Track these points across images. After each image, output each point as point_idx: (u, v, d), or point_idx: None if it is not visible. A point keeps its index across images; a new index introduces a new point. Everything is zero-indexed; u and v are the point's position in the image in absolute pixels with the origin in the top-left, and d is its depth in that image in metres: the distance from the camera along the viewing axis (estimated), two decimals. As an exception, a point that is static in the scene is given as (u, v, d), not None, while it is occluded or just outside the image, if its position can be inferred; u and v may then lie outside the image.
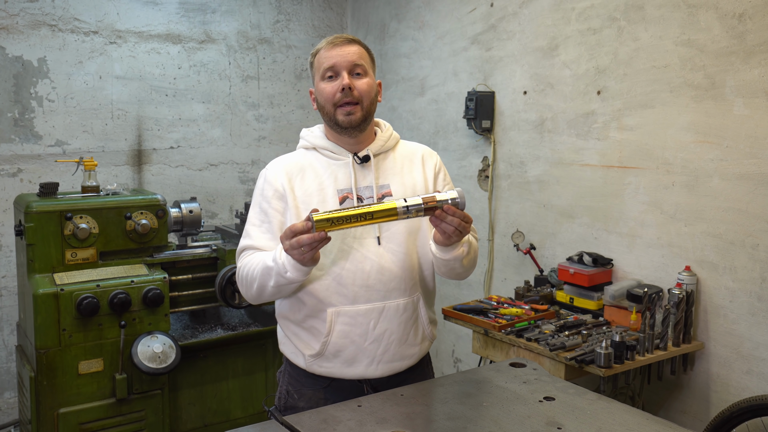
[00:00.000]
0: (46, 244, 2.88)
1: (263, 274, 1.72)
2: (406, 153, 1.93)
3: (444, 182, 1.93)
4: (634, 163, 2.92)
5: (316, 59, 1.84)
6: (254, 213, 1.86)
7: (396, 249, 1.81)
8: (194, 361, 3.20)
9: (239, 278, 1.83)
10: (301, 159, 1.87)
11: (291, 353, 1.89)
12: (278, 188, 1.82)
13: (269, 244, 1.80)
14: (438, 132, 3.99)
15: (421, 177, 1.89)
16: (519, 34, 3.43)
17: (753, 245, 2.53)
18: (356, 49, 1.80)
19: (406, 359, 1.86)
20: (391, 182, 1.85)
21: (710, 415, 2.67)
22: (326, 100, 1.79)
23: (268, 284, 1.72)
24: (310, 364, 1.84)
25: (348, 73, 1.78)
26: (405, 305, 1.83)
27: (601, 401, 1.69)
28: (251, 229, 1.85)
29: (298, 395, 1.87)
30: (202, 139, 4.24)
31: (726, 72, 2.57)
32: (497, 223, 3.65)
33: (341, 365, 1.81)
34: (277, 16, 4.45)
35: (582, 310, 2.93)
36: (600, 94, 3.05)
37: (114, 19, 3.90)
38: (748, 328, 2.56)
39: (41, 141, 3.75)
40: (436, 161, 1.94)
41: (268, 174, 1.86)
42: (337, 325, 1.78)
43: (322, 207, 1.77)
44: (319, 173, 1.83)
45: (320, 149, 1.87)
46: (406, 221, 1.79)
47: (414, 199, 1.59)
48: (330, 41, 1.82)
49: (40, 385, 2.82)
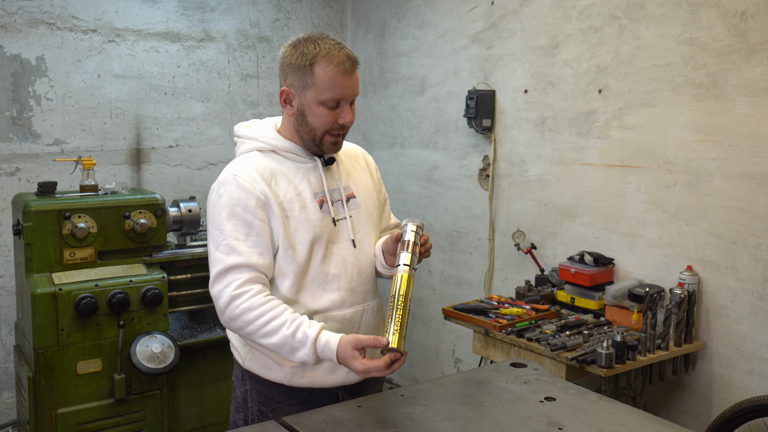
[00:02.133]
0: (45, 244, 2.87)
1: (283, 345, 1.61)
2: (348, 153, 1.92)
3: (381, 182, 1.99)
4: (636, 162, 2.90)
5: (316, 74, 1.67)
6: (233, 226, 1.67)
7: (368, 250, 1.85)
8: (193, 361, 3.19)
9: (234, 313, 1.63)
10: (267, 163, 1.74)
11: (262, 368, 1.77)
12: (259, 196, 1.68)
13: (261, 261, 1.67)
14: (438, 131, 3.98)
15: (368, 177, 1.93)
16: (520, 32, 3.42)
17: (755, 245, 2.52)
18: (358, 76, 1.73)
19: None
20: (350, 183, 1.86)
21: (712, 416, 2.66)
22: (321, 125, 1.71)
23: (284, 353, 1.63)
24: (291, 376, 1.75)
25: (350, 104, 1.73)
26: (378, 306, 1.87)
27: (602, 401, 1.69)
28: (236, 244, 1.66)
29: (273, 414, 1.76)
30: (201, 138, 4.23)
31: (728, 70, 2.56)
32: (498, 222, 3.64)
33: (324, 373, 1.76)
34: (277, 14, 4.43)
35: (583, 309, 2.92)
36: (601, 92, 3.03)
37: (112, 17, 3.89)
38: (750, 328, 2.55)
39: (39, 140, 3.74)
40: (373, 161, 2.00)
41: (242, 181, 1.69)
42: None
43: (304, 213, 1.72)
44: (290, 178, 1.74)
45: (282, 152, 1.77)
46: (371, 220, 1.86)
47: (405, 257, 1.66)
48: (342, 66, 1.67)
49: (39, 386, 2.81)
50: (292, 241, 1.71)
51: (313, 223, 1.73)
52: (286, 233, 1.71)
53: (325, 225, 1.75)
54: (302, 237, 1.72)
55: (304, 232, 1.72)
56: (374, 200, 1.90)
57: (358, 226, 1.82)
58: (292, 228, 1.72)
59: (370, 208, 1.86)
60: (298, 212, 1.72)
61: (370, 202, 1.88)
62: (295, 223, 1.72)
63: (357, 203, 1.84)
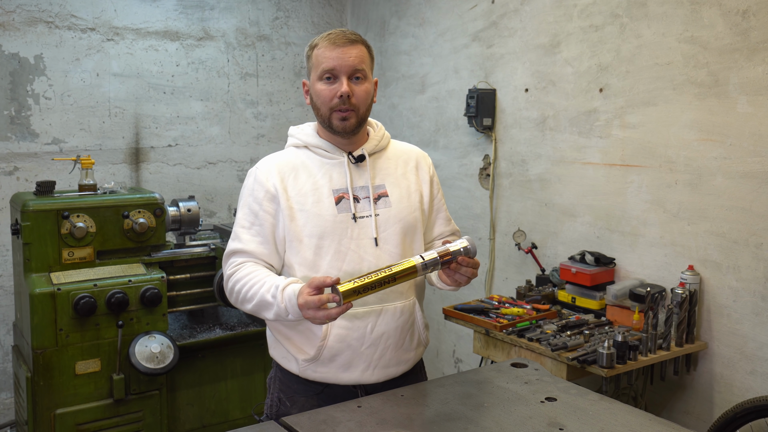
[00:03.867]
0: (43, 243, 2.86)
1: (260, 304, 1.69)
2: (399, 154, 1.91)
3: (437, 187, 1.94)
4: (637, 162, 2.89)
5: (314, 54, 1.76)
6: (243, 214, 1.80)
7: (393, 251, 1.79)
8: (192, 361, 3.18)
9: (229, 287, 1.78)
10: (293, 158, 1.82)
11: (282, 358, 1.85)
12: (270, 189, 1.77)
13: (260, 249, 1.77)
14: (439, 130, 3.97)
15: (415, 180, 1.88)
16: (520, 31, 3.41)
17: (757, 244, 2.51)
18: (357, 51, 1.74)
19: (402, 364, 1.84)
20: (386, 183, 1.84)
21: (714, 416, 2.65)
22: (322, 102, 1.75)
23: (263, 313, 1.70)
24: (304, 369, 1.79)
25: (348, 77, 1.73)
26: (402, 308, 1.81)
27: (603, 402, 1.69)
28: (240, 231, 1.79)
29: (290, 402, 1.83)
30: (201, 137, 4.22)
31: (729, 69, 2.55)
32: (498, 221, 3.63)
33: (337, 370, 1.78)
34: (276, 12, 4.42)
35: (584, 309, 2.91)
36: (602, 91, 3.02)
37: (111, 15, 3.88)
38: (752, 327, 2.54)
39: (38, 139, 3.73)
40: (430, 165, 1.94)
41: (259, 174, 1.80)
42: (333, 328, 1.75)
43: (317, 207, 1.75)
44: (312, 172, 1.79)
45: (312, 147, 1.82)
46: (402, 221, 1.81)
47: (429, 254, 1.62)
48: (332, 40, 1.74)
49: (37, 386, 2.80)
50: (300, 233, 1.74)
51: (324, 218, 1.74)
52: (291, 226, 1.75)
53: (339, 221, 1.75)
54: (311, 230, 1.74)
55: (313, 225, 1.74)
56: (414, 202, 1.85)
57: (384, 225, 1.79)
58: (301, 221, 1.75)
59: (403, 210, 1.82)
60: (310, 206, 1.75)
61: (407, 203, 1.83)
62: (305, 216, 1.75)
63: (389, 202, 1.81)
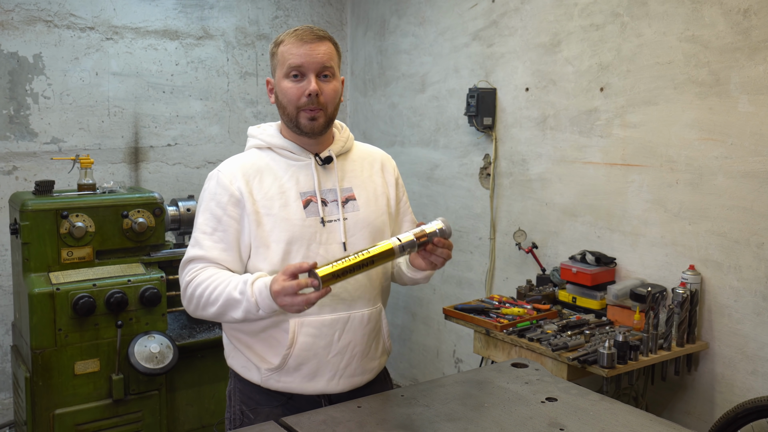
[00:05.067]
0: (42, 243, 2.86)
1: (227, 303, 1.61)
2: (364, 156, 1.87)
3: (402, 190, 1.91)
4: (638, 161, 2.89)
5: (280, 51, 1.70)
6: (204, 219, 1.71)
7: None
8: (192, 361, 3.17)
9: (187, 294, 1.68)
10: (257, 160, 1.75)
11: (242, 368, 1.77)
12: (234, 193, 1.69)
13: (222, 256, 1.68)
14: (439, 129, 3.96)
15: (381, 183, 1.85)
16: (521, 30, 3.40)
17: (758, 244, 2.50)
18: (326, 48, 1.69)
19: (367, 373, 1.80)
20: (353, 185, 1.79)
21: (715, 416, 2.64)
22: (289, 101, 1.69)
23: (230, 314, 1.62)
24: (266, 378, 1.73)
25: (316, 75, 1.67)
26: (369, 316, 1.77)
27: (604, 402, 1.68)
28: (202, 237, 1.69)
29: (253, 414, 1.76)
30: (200, 137, 4.21)
31: (731, 68, 2.54)
32: (499, 221, 3.62)
33: (301, 380, 1.72)
34: (276, 11, 4.42)
35: (585, 309, 2.90)
36: (603, 90, 3.02)
37: (110, 14, 3.87)
38: (753, 327, 2.53)
39: (37, 138, 3.72)
40: (394, 168, 1.91)
41: (222, 177, 1.71)
42: (300, 336, 1.69)
43: (284, 211, 1.69)
44: (278, 175, 1.72)
45: (277, 149, 1.75)
46: (370, 226, 1.77)
47: (406, 236, 1.59)
48: (299, 36, 1.68)
49: (36, 386, 2.79)
50: (267, 239, 1.68)
51: (292, 223, 1.69)
52: (258, 231, 1.68)
53: (308, 225, 1.70)
54: (278, 236, 1.68)
55: (280, 230, 1.68)
56: (381, 206, 1.82)
57: (353, 229, 1.74)
58: (268, 226, 1.69)
59: (371, 213, 1.79)
60: (277, 210, 1.69)
61: (374, 206, 1.80)
62: (272, 221, 1.69)
63: (356, 206, 1.77)
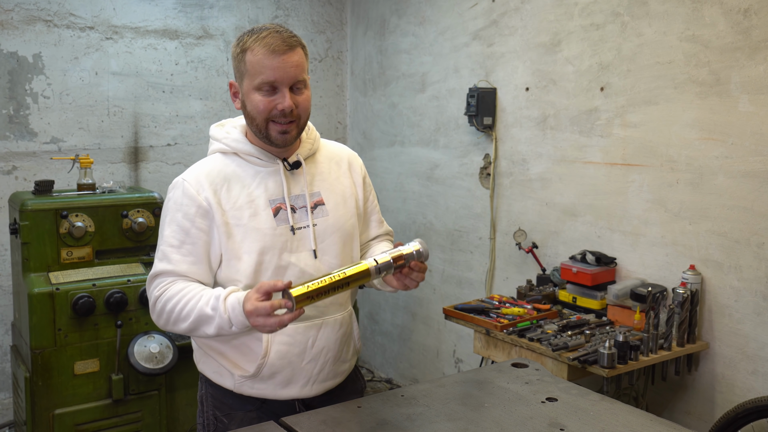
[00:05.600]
0: (41, 243, 2.85)
1: (199, 319, 1.56)
2: (331, 155, 1.82)
3: (369, 188, 1.88)
4: (638, 161, 2.88)
5: (248, 60, 1.60)
6: (171, 231, 1.64)
7: (332, 261, 1.72)
8: (191, 361, 3.16)
9: (157, 309, 1.63)
10: (223, 167, 1.68)
11: (214, 373, 1.74)
12: (202, 204, 1.63)
13: (192, 269, 1.63)
14: (439, 129, 3.96)
15: (349, 183, 1.81)
16: (521, 29, 3.39)
17: (758, 244, 2.50)
18: (298, 58, 1.60)
19: (339, 376, 1.80)
20: (321, 189, 1.75)
21: (715, 416, 2.64)
22: (259, 112, 1.61)
23: (203, 330, 1.58)
24: (240, 385, 1.70)
25: (289, 88, 1.60)
26: (342, 320, 1.76)
27: (604, 402, 1.68)
28: (169, 251, 1.63)
29: (228, 419, 1.73)
30: (200, 136, 4.20)
31: (731, 68, 2.54)
32: (499, 221, 3.62)
33: (275, 387, 1.70)
34: (276, 11, 4.41)
35: (585, 309, 2.90)
36: (603, 90, 3.01)
37: (110, 14, 3.87)
38: (754, 327, 2.53)
39: (36, 138, 3.71)
40: (361, 166, 1.87)
41: (188, 187, 1.65)
42: (274, 344, 1.67)
43: (255, 221, 1.64)
44: (246, 183, 1.67)
45: (243, 155, 1.69)
46: (340, 230, 1.74)
47: (383, 257, 1.55)
48: (269, 47, 1.57)
49: (36, 386, 2.79)
50: (238, 250, 1.64)
51: (263, 232, 1.64)
52: (229, 243, 1.64)
53: (279, 234, 1.65)
54: (249, 246, 1.63)
55: (252, 241, 1.63)
56: (350, 208, 1.78)
57: (323, 236, 1.71)
58: (238, 237, 1.64)
59: (340, 218, 1.75)
60: (247, 220, 1.64)
61: (343, 210, 1.76)
62: (242, 231, 1.64)
63: (325, 211, 1.73)
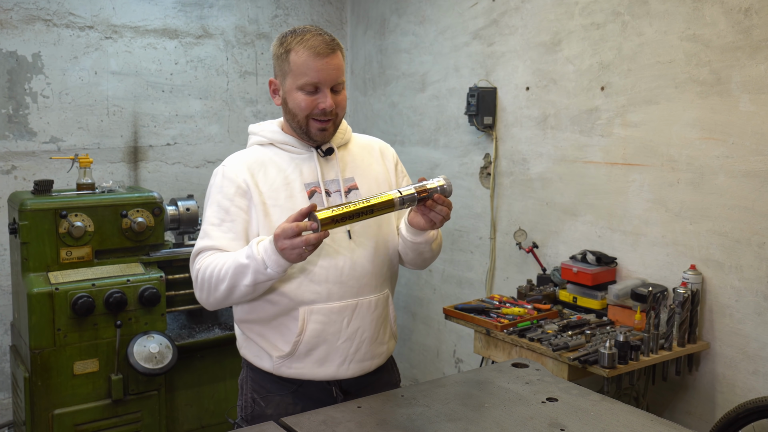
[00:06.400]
0: (41, 243, 2.85)
1: (236, 273, 1.63)
2: (363, 145, 1.92)
3: (402, 174, 1.94)
4: (639, 160, 2.88)
5: (292, 60, 1.71)
6: (212, 212, 1.76)
7: (367, 243, 1.79)
8: (191, 361, 3.17)
9: (198, 281, 1.72)
10: (260, 155, 1.80)
11: (254, 357, 1.82)
12: (240, 185, 1.74)
13: (231, 245, 1.71)
14: (439, 128, 3.95)
15: (381, 169, 1.90)
16: (521, 29, 3.39)
17: (759, 243, 2.49)
18: (338, 61, 1.72)
19: (376, 358, 1.84)
20: (355, 175, 1.84)
21: (716, 417, 2.63)
22: (301, 110, 1.73)
23: (241, 283, 1.64)
24: (278, 366, 1.77)
25: (330, 89, 1.72)
26: (377, 302, 1.81)
27: (604, 402, 1.68)
28: (210, 229, 1.74)
29: (264, 402, 1.80)
30: (199, 136, 4.20)
31: (732, 67, 2.53)
32: (499, 221, 3.61)
33: (312, 365, 1.76)
34: (276, 10, 4.41)
35: (585, 309, 2.89)
36: (604, 90, 3.01)
37: (110, 13, 3.86)
38: (755, 327, 2.53)
39: (35, 138, 3.71)
40: (393, 154, 1.96)
41: (227, 170, 1.77)
42: (310, 323, 1.73)
43: (290, 202, 1.73)
44: (282, 167, 1.77)
45: (279, 144, 1.81)
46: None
47: (407, 189, 1.61)
48: (314, 49, 1.69)
49: (35, 386, 2.78)
50: (274, 229, 1.69)
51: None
52: (266, 221, 1.72)
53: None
54: None
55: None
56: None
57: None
58: (275, 216, 1.72)
59: None
60: (283, 201, 1.73)
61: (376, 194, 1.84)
62: (278, 211, 1.72)
63: (359, 195, 1.80)
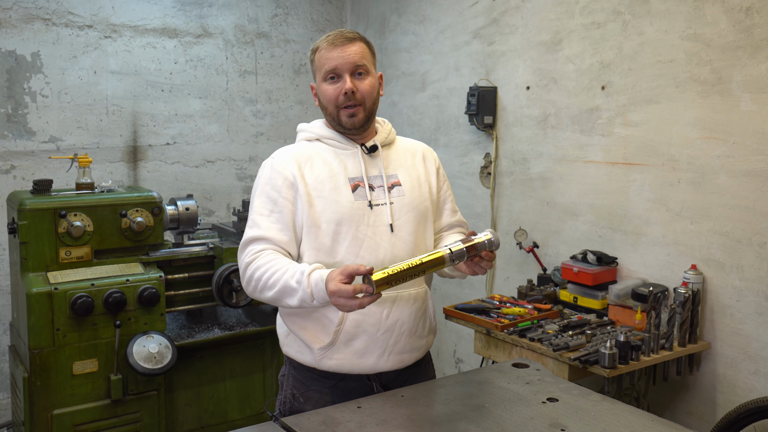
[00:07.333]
0: (40, 242, 2.84)
1: (283, 290, 1.70)
2: (407, 147, 1.99)
3: (443, 178, 2.02)
4: (639, 160, 2.87)
5: (316, 58, 1.84)
6: (260, 202, 1.82)
7: (407, 238, 1.84)
8: (191, 361, 3.16)
9: (246, 275, 1.78)
10: (306, 149, 1.87)
11: (297, 352, 1.87)
12: (288, 176, 1.80)
13: (279, 236, 1.78)
14: (439, 128, 3.95)
15: (423, 171, 1.95)
16: (522, 28, 3.38)
17: (760, 243, 2.49)
18: (357, 48, 1.81)
19: (415, 351, 1.88)
20: (398, 173, 1.90)
21: (716, 417, 2.63)
22: (329, 101, 1.82)
23: (286, 301, 1.71)
24: (320, 358, 1.81)
25: (350, 74, 1.80)
26: (416, 295, 1.86)
27: (605, 402, 1.68)
28: (259, 218, 1.80)
29: (303, 399, 1.86)
30: (199, 136, 4.19)
31: (733, 67, 2.53)
32: (499, 220, 3.61)
33: (352, 356, 1.80)
34: (276, 9, 4.40)
35: (586, 309, 2.89)
36: (604, 89, 3.00)
37: (109, 12, 3.85)
38: (756, 327, 2.52)
39: (35, 137, 3.70)
40: (436, 158, 2.02)
41: (275, 163, 1.84)
42: (350, 314, 1.78)
43: (334, 194, 1.79)
44: (328, 161, 1.84)
45: (325, 139, 1.88)
46: (415, 210, 1.86)
47: (457, 245, 1.65)
48: (330, 41, 1.81)
49: (34, 386, 2.78)
50: (318, 219, 1.78)
51: (341, 205, 1.79)
52: (310, 212, 1.78)
53: (356, 208, 1.80)
54: (329, 216, 1.78)
55: (331, 212, 1.78)
56: (424, 192, 1.92)
57: (399, 213, 1.84)
58: (319, 207, 1.78)
59: (415, 198, 1.88)
60: (328, 193, 1.79)
61: (418, 192, 1.90)
62: (323, 203, 1.79)
63: (402, 191, 1.87)
